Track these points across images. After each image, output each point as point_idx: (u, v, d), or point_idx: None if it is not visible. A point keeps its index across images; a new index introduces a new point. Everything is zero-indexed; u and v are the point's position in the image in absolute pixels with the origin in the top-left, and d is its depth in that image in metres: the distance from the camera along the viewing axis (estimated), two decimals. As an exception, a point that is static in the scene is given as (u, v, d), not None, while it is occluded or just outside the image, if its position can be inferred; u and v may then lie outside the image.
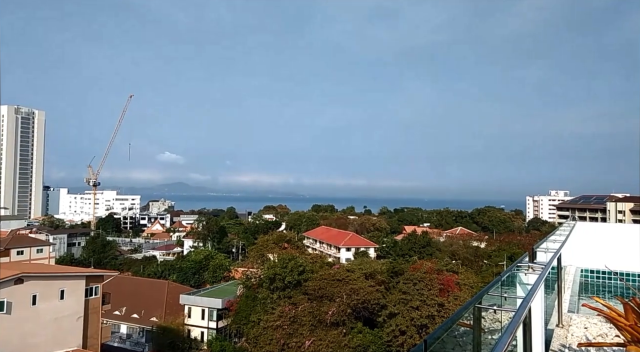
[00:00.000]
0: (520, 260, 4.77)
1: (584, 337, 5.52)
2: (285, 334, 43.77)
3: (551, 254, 5.51)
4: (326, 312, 43.89)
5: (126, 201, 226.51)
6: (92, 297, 37.36)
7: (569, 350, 5.00)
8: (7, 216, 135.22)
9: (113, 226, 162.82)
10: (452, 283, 46.37)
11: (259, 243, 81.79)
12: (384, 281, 48.56)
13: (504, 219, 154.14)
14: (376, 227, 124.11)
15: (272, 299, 47.92)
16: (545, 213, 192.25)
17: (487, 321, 3.60)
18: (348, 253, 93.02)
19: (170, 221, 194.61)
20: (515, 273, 4.48)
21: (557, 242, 7.05)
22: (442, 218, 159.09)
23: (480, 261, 78.19)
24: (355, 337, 42.87)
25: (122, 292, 56.07)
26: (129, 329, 59.50)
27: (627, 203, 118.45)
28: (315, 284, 46.76)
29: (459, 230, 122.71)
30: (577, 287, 9.92)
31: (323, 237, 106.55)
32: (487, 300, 3.26)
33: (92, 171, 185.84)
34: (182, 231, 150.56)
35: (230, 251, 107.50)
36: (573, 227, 11.92)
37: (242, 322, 49.11)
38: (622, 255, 10.46)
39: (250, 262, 69.57)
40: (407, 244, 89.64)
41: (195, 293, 60.40)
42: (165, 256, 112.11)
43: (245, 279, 54.91)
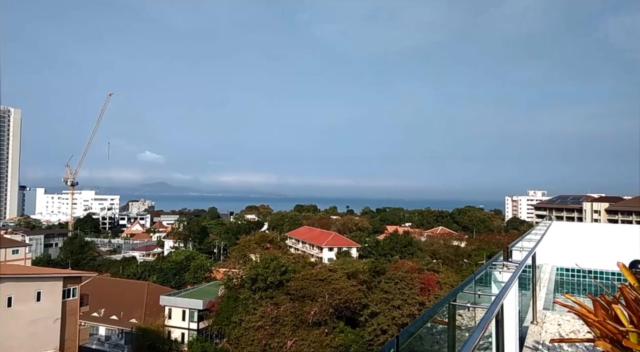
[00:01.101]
0: (495, 259, 4.88)
1: (557, 333, 5.68)
2: (267, 334, 43.64)
3: (526, 252, 5.66)
4: (308, 312, 43.90)
5: (105, 201, 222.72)
6: (69, 298, 36.68)
7: (543, 346, 5.14)
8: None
9: (91, 226, 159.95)
10: (433, 282, 46.91)
11: (240, 243, 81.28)
12: (366, 281, 48.82)
13: (483, 218, 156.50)
14: (358, 227, 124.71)
15: (254, 300, 47.71)
16: (523, 213, 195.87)
17: (464, 318, 3.69)
18: (330, 253, 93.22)
19: (151, 221, 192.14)
20: (490, 271, 4.59)
21: (533, 241, 7.23)
22: (424, 218, 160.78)
23: (461, 260, 79.27)
24: (337, 336, 43.00)
25: (100, 294, 55.21)
26: (107, 330, 58.57)
27: (602, 203, 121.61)
28: (297, 284, 46.74)
29: (440, 229, 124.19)
30: (552, 285, 10.17)
31: (305, 237, 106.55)
32: (462, 298, 3.34)
33: (69, 170, 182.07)
34: (162, 232, 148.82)
35: (212, 252, 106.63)
36: (549, 226, 12.20)
37: (223, 323, 48.80)
38: (596, 253, 10.75)
39: (232, 262, 69.06)
40: (389, 243, 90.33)
41: (175, 294, 59.74)
42: (145, 257, 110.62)
43: (226, 279, 54.55)
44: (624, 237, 13.37)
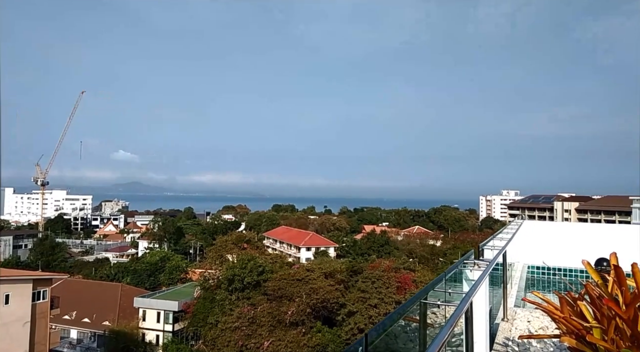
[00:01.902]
0: (467, 257, 4.98)
1: (526, 330, 5.83)
2: (244, 335, 43.36)
3: (497, 251, 5.79)
4: (285, 312, 43.81)
5: (77, 201, 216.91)
6: (39, 301, 35.67)
7: (512, 343, 5.26)
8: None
9: (63, 227, 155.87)
10: (409, 281, 47.42)
11: (217, 244, 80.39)
12: (343, 280, 49.00)
13: (458, 218, 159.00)
14: (336, 227, 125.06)
15: (230, 300, 47.34)
16: (497, 212, 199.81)
17: (438, 316, 3.74)
18: (308, 253, 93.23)
19: (124, 221, 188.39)
20: (461, 270, 4.68)
21: (504, 240, 7.40)
22: (400, 217, 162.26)
23: (436, 259, 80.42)
24: (315, 336, 43.05)
25: (72, 296, 53.99)
26: (79, 334, 57.21)
27: (572, 203, 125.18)
28: (274, 284, 46.58)
29: (416, 229, 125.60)
30: (523, 283, 10.42)
31: (283, 237, 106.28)
32: (434, 296, 3.39)
33: (40, 170, 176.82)
34: (136, 232, 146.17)
35: (188, 252, 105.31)
36: (520, 225, 12.50)
37: (199, 324, 48.29)
38: (565, 252, 11.05)
39: (208, 263, 68.35)
40: (366, 243, 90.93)
41: (150, 296, 58.80)
42: (119, 258, 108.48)
43: (202, 280, 54.00)
44: (592, 235, 13.82)
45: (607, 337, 3.17)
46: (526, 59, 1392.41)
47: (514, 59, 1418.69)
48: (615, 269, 3.35)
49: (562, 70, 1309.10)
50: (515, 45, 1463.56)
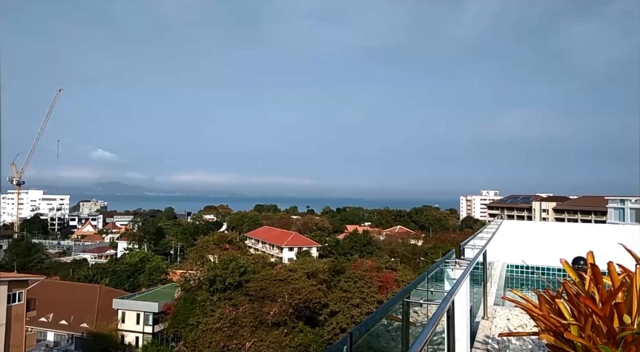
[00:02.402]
0: (448, 256, 5.04)
1: (506, 328, 5.93)
2: (225, 336, 43.06)
3: (477, 250, 5.88)
4: (267, 312, 43.66)
5: (54, 201, 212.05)
6: (15, 303, 34.85)
7: (492, 340, 5.35)
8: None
9: (39, 227, 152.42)
10: (391, 280, 47.74)
11: (198, 244, 79.73)
12: (326, 280, 49.07)
13: (439, 217, 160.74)
14: (319, 227, 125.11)
15: (211, 301, 46.97)
16: (477, 212, 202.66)
17: (420, 315, 3.78)
18: (290, 253, 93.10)
19: (103, 222, 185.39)
20: (443, 269, 4.74)
21: (484, 239, 7.52)
22: (382, 217, 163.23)
23: (418, 258, 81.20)
24: (297, 336, 43.00)
25: (49, 298, 52.98)
26: (56, 336, 56.13)
27: (550, 202, 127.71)
28: (256, 284, 46.39)
29: (398, 228, 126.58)
30: (502, 281, 10.60)
31: (265, 237, 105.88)
32: (416, 295, 3.42)
33: (15, 169, 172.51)
34: (116, 233, 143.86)
35: (168, 253, 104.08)
36: (500, 225, 12.72)
37: (179, 325, 47.79)
38: (543, 251, 11.27)
39: (189, 264, 67.67)
40: (349, 242, 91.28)
41: (129, 297, 58.02)
42: (97, 259, 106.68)
43: (183, 281, 53.46)
44: (569, 235, 14.15)
45: (584, 334, 3.23)
46: (502, 61, 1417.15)
47: (491, 60, 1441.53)
48: (592, 267, 3.42)
49: (537, 72, 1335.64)
50: (487, 48, 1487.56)
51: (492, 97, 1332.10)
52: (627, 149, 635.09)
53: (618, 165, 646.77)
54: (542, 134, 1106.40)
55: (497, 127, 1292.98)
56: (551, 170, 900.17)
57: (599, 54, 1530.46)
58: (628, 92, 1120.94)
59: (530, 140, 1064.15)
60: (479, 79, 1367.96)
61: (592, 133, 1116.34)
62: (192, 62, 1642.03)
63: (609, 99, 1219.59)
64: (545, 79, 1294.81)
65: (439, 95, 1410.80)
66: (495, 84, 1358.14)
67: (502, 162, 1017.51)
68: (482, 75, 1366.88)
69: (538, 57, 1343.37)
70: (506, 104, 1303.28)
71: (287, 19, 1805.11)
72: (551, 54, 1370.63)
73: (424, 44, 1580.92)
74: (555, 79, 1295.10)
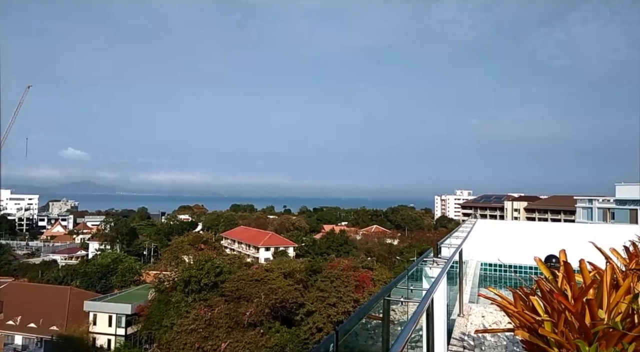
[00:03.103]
0: (426, 255, 5.11)
1: (481, 325, 6.06)
2: (200, 337, 42.59)
3: (454, 249, 5.98)
4: (244, 313, 43.39)
5: (22, 200, 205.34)
6: (-21, 307, 33.60)
7: (468, 337, 5.45)
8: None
9: (6, 228, 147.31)
10: (367, 279, 48.09)
11: (173, 245, 78.55)
12: (303, 280, 49.08)
13: (415, 217, 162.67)
14: (296, 227, 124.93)
15: (186, 302, 46.39)
16: (451, 211, 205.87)
17: (397, 313, 3.81)
18: (267, 253, 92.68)
19: (74, 222, 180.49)
20: (421, 267, 4.81)
21: (459, 238, 7.65)
22: (359, 217, 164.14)
23: (394, 257, 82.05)
24: (273, 337, 42.88)
25: (17, 300, 51.62)
26: (24, 339, 54.53)
27: (521, 202, 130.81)
28: (232, 285, 46.04)
29: (374, 228, 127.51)
30: (477, 279, 10.81)
31: (242, 237, 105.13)
32: (396, 293, 3.45)
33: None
34: (87, 233, 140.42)
35: (142, 254, 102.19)
36: (474, 224, 12.96)
37: (153, 327, 47.05)
38: (516, 249, 11.54)
39: (164, 264, 66.70)
40: (326, 242, 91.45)
41: (101, 299, 56.87)
42: (68, 260, 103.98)
43: (157, 282, 52.67)
44: (541, 233, 14.54)
45: (558, 330, 3.31)
46: (486, 64, 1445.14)
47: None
48: (565, 265, 3.52)
49: (517, 74, 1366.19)
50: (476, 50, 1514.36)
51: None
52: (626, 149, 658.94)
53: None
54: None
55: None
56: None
57: (577, 58, 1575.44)
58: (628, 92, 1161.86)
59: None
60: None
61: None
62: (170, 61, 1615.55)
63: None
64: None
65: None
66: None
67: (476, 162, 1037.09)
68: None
69: (521, 60, 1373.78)
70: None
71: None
72: (531, 57, 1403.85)
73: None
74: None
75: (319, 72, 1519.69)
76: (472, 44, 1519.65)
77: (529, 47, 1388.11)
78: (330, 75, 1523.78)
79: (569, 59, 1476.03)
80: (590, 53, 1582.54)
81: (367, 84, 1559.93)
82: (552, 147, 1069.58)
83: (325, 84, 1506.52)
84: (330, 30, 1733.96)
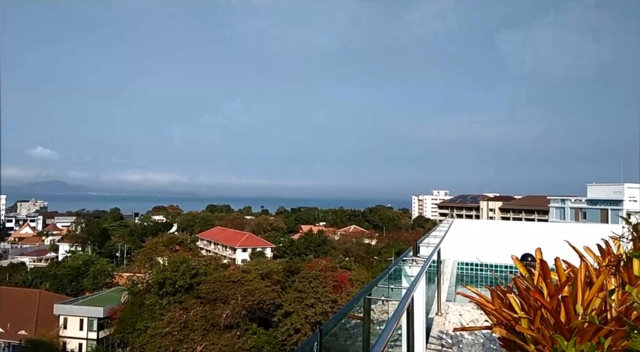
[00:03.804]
0: (406, 254, 5.14)
1: (459, 323, 6.12)
2: (175, 340, 41.95)
3: (432, 248, 6.03)
4: (220, 315, 42.94)
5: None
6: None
7: (446, 336, 5.50)
8: None
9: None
10: (345, 280, 48.22)
11: (147, 246, 77.18)
12: (280, 281, 48.90)
13: (392, 217, 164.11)
14: (273, 227, 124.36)
15: (161, 305, 45.66)
16: (428, 211, 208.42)
17: (376, 313, 3.80)
18: (244, 254, 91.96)
19: (43, 223, 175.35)
20: (401, 267, 4.82)
21: (437, 237, 7.73)
22: (337, 217, 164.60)
23: (372, 257, 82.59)
24: (250, 338, 42.59)
25: (-18, 305, 49.62)
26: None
27: (496, 202, 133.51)
28: (208, 286, 45.53)
29: (352, 228, 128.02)
30: (454, 278, 10.95)
31: (218, 238, 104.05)
32: (377, 292, 3.44)
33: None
34: (57, 235, 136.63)
35: (114, 256, 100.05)
36: (451, 224, 13.14)
37: (126, 330, 46.15)
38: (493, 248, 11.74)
39: (137, 266, 65.50)
40: (304, 243, 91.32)
41: (72, 302, 55.48)
42: (37, 263, 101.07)
43: (131, 284, 51.73)
44: (516, 232, 14.85)
45: (534, 327, 3.36)
46: (453, 65, 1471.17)
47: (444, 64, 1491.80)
48: (541, 263, 3.58)
49: (485, 76, 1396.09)
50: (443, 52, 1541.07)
51: (456, 99, 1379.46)
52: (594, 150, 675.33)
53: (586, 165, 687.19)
54: (489, 136, 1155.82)
55: (446, 129, 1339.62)
56: (497, 171, 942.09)
57: (541, 61, 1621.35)
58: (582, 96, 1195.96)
59: (488, 142, 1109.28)
60: (440, 82, 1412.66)
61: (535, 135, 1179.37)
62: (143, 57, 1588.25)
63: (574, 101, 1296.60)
64: (509, 81, 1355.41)
65: (402, 96, 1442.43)
66: (445, 88, 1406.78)
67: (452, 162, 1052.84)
68: (442, 78, 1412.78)
69: (487, 62, 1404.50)
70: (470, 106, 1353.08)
71: (252, 17, 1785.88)
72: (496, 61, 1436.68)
73: (385, 46, 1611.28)
74: (513, 82, 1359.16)
75: (284, 72, 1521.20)
76: (436, 47, 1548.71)
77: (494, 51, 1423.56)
78: (295, 75, 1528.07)
79: (532, 62, 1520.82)
80: (548, 59, 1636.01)
81: (333, 84, 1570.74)
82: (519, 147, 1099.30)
83: (293, 83, 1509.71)
84: (295, 31, 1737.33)
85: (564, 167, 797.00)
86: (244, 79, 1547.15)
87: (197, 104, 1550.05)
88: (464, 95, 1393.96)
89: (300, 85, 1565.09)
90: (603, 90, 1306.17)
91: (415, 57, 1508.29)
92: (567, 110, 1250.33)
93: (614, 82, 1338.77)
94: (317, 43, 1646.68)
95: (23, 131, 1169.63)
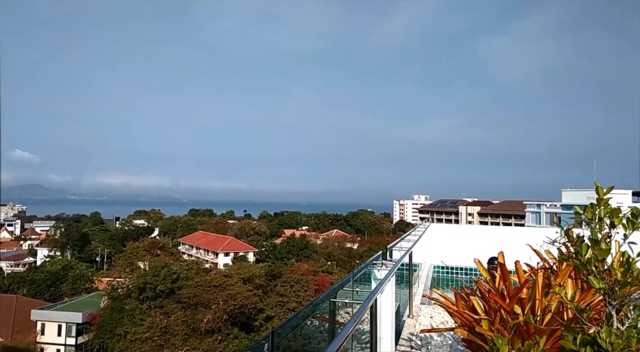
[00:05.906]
0: (376, 258, 5.29)
1: (429, 325, 6.30)
2: (156, 345, 41.50)
3: (404, 252, 6.20)
4: (201, 320, 42.62)
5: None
6: None
7: (416, 337, 5.67)
8: None
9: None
10: (327, 283, 48.32)
11: (127, 251, 76.21)
12: (262, 285, 48.74)
13: (374, 221, 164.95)
14: (256, 231, 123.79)
15: (141, 310, 45.08)
16: (409, 215, 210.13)
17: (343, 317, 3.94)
18: (226, 258, 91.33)
19: (21, 227, 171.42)
20: (370, 270, 4.97)
21: (411, 241, 7.91)
22: (320, 221, 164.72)
23: (353, 261, 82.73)
24: (231, 343, 42.34)
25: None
26: (-36, 353, 51.22)
27: (475, 207, 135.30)
28: (190, 291, 45.15)
29: (335, 232, 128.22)
30: (429, 281, 11.16)
31: (200, 242, 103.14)
32: (343, 295, 3.58)
33: None
34: (35, 239, 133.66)
35: (94, 260, 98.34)
36: (427, 228, 13.39)
37: (106, 336, 45.44)
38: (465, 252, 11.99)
39: (118, 271, 64.58)
40: (286, 247, 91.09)
41: (50, 307, 54.39)
42: (14, 268, 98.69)
43: (110, 289, 50.92)
44: (488, 237, 15.17)
45: (494, 328, 3.54)
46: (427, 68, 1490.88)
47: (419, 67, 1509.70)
48: (500, 266, 3.77)
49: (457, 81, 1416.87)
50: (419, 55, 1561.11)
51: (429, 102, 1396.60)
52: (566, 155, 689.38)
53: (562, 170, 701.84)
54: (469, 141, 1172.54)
55: (427, 134, 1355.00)
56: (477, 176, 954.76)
57: (511, 68, 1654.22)
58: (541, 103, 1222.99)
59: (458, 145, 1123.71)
60: (404, 87, 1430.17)
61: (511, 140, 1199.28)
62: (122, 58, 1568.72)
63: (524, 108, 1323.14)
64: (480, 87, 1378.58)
65: (370, 99, 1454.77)
66: (419, 92, 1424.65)
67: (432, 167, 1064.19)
68: (410, 82, 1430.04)
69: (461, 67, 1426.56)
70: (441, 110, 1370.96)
71: (219, 17, 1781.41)
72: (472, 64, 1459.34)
73: (355, 48, 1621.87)
74: (477, 88, 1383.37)
75: (253, 72, 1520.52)
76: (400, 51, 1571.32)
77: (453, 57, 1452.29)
78: (264, 76, 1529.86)
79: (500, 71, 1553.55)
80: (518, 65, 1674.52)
81: (302, 86, 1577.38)
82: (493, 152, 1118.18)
83: (260, 84, 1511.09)
84: (263, 31, 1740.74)
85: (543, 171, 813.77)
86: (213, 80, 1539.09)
87: (177, 107, 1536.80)
88: (433, 100, 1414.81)
89: (273, 88, 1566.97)
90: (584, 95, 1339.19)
91: (390, 60, 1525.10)
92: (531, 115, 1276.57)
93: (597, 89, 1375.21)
94: (290, 43, 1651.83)
95: (2, 134, 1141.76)
